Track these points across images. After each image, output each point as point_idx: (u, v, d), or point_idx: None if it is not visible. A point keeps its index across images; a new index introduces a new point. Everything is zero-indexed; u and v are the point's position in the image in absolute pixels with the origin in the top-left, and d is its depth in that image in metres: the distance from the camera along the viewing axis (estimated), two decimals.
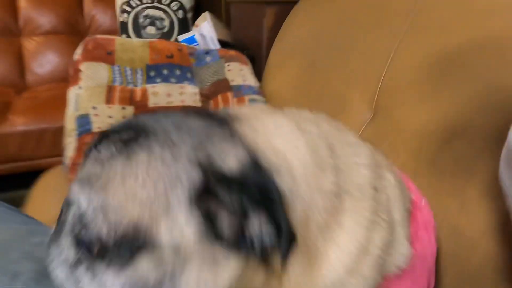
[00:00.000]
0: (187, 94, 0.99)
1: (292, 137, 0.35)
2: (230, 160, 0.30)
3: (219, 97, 0.98)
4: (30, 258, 0.32)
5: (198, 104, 0.99)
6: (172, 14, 2.07)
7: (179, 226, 0.29)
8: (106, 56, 0.99)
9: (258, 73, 1.13)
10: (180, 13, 2.09)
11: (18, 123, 1.57)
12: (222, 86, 1.01)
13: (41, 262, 0.31)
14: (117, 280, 0.29)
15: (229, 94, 0.98)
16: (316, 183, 0.34)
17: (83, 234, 0.29)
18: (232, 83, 1.01)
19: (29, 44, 2.07)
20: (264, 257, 0.30)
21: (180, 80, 1.01)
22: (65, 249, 0.30)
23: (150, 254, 0.29)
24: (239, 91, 0.99)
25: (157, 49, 1.03)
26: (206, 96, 1.01)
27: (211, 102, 1.00)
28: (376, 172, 0.40)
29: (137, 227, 0.28)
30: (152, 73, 1.00)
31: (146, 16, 2.03)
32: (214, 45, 1.31)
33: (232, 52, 1.13)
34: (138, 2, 2.07)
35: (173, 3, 2.10)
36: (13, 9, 2.07)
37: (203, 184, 0.30)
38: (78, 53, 1.00)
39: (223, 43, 1.41)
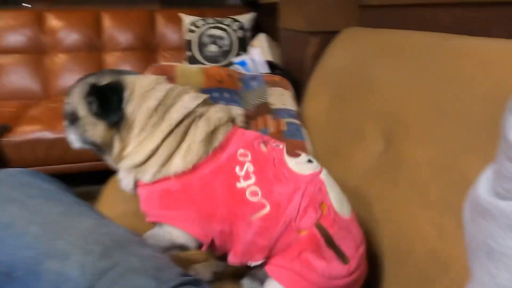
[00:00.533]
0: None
1: (146, 80, 0.66)
2: (105, 80, 0.66)
3: (259, 119, 1.12)
4: (99, 242, 0.48)
5: (240, 124, 1.13)
6: (232, 33, 2.26)
7: (82, 109, 0.66)
8: (168, 81, 1.17)
9: (301, 96, 1.26)
10: (240, 33, 2.27)
11: None
12: (263, 109, 1.15)
13: (105, 244, 0.47)
14: (73, 133, 0.68)
15: (268, 117, 1.11)
16: (145, 99, 0.63)
17: (66, 115, 0.69)
18: (272, 107, 1.15)
19: (110, 59, 2.39)
20: (108, 123, 0.64)
21: (228, 102, 1.17)
22: (65, 124, 0.70)
23: (79, 121, 0.66)
24: (277, 114, 1.12)
25: (210, 75, 1.20)
26: (249, 117, 1.15)
27: (252, 122, 1.14)
28: (189, 119, 0.64)
29: (74, 111, 0.67)
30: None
31: (208, 35, 2.24)
32: (263, 69, 1.45)
33: (276, 78, 1.26)
34: (203, 23, 2.30)
35: (234, 24, 2.29)
36: (99, 28, 2.40)
37: (89, 90, 0.65)
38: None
39: (273, 66, 1.56)
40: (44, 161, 1.81)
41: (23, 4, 2.51)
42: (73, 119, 0.67)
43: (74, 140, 0.70)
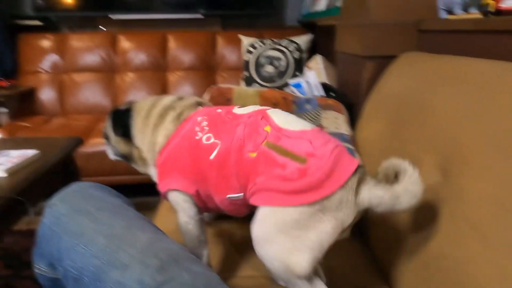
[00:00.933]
0: None
1: (148, 103, 0.84)
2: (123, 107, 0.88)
3: None
4: (157, 257, 0.52)
5: None
6: (289, 55, 2.30)
7: (109, 131, 0.90)
8: (226, 102, 1.23)
9: (355, 120, 1.25)
10: (297, 54, 2.31)
11: None
12: None
13: (162, 259, 0.51)
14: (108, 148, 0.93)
15: None
16: (145, 124, 0.82)
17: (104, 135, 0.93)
18: (326, 130, 1.15)
19: (172, 77, 2.54)
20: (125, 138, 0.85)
21: None
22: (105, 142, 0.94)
23: (110, 140, 0.90)
24: None
25: (265, 97, 1.23)
26: None
27: None
28: (164, 123, 0.80)
29: (106, 133, 0.92)
30: None
31: (265, 56, 2.31)
32: (318, 91, 1.46)
33: (330, 101, 1.27)
34: (261, 44, 2.37)
35: (291, 45, 2.33)
36: (164, 49, 2.57)
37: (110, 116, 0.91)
38: (206, 98, 1.26)
39: (328, 88, 1.56)
40: (110, 172, 1.95)
41: (100, 27, 2.76)
42: (107, 138, 0.92)
43: (110, 153, 0.94)
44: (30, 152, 1.18)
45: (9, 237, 1.54)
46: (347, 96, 1.38)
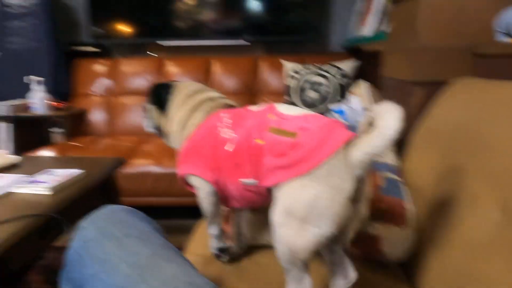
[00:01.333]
0: None
1: (195, 86, 0.94)
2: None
3: None
4: None
5: None
6: (332, 80, 2.26)
7: (147, 102, 0.99)
8: None
9: (402, 150, 1.17)
10: (340, 80, 2.26)
11: None
12: None
13: None
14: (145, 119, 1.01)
15: None
16: (185, 102, 0.89)
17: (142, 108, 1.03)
18: None
19: None
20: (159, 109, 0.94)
21: None
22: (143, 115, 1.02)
23: (147, 111, 0.99)
24: (375, 167, 1.05)
25: None
26: None
27: None
28: (199, 110, 0.88)
29: (144, 105, 1.01)
30: None
31: (309, 82, 2.28)
32: (362, 118, 1.39)
33: None
34: (304, 69, 2.35)
35: (335, 71, 2.29)
36: (208, 74, 2.62)
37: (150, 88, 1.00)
38: None
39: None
40: (151, 192, 1.98)
41: (148, 53, 2.89)
42: (145, 110, 1.00)
43: (146, 125, 1.00)
44: (75, 172, 1.21)
45: (51, 253, 1.58)
46: None
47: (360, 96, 1.83)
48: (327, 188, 0.62)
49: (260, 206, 0.80)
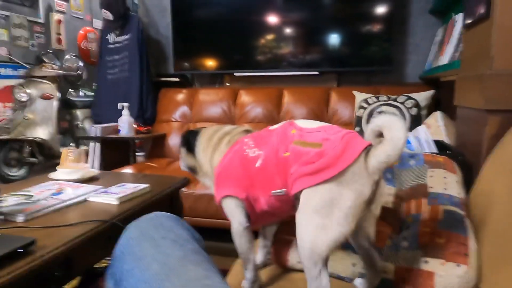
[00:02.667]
0: None
1: (213, 128, 1.04)
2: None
3: (413, 202, 1.00)
4: None
5: (389, 205, 1.03)
6: (406, 111, 2.16)
7: (182, 146, 1.10)
8: None
9: (471, 182, 1.07)
10: (414, 111, 2.15)
11: None
12: (419, 191, 1.02)
13: None
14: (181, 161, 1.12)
15: (423, 201, 0.98)
16: (207, 145, 1.01)
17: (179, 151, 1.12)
18: (431, 190, 1.01)
19: None
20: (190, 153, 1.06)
21: None
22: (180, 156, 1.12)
23: (182, 154, 1.11)
24: (435, 199, 0.97)
25: None
26: (400, 198, 1.04)
27: (404, 205, 1.02)
28: (220, 145, 0.98)
29: (180, 149, 1.12)
30: None
31: (379, 112, 2.21)
32: (429, 148, 1.31)
33: (440, 159, 1.12)
34: (375, 100, 2.29)
35: (408, 101, 2.19)
36: (279, 103, 2.69)
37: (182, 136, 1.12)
38: None
39: (443, 146, 1.39)
40: (214, 215, 2.04)
41: (226, 84, 3.07)
42: (180, 153, 1.11)
43: (181, 164, 1.11)
44: (141, 186, 1.32)
45: None
46: (463, 155, 1.20)
47: (434, 128, 1.72)
48: (350, 192, 0.71)
49: (285, 216, 0.87)
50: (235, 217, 0.91)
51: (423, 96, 2.21)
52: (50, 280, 0.90)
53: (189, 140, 1.06)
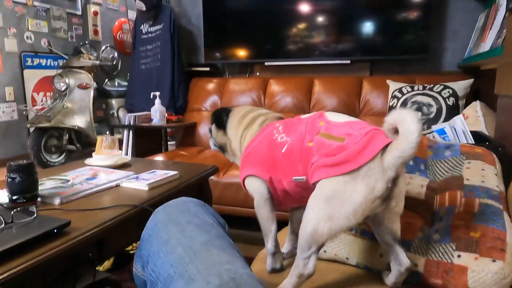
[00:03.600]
0: (413, 184, 1.02)
1: (247, 108, 1.09)
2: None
3: (447, 194, 0.96)
4: (219, 276, 0.50)
5: (422, 196, 0.99)
6: (442, 101, 2.07)
7: (212, 124, 1.13)
8: None
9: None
10: (451, 100, 2.06)
11: None
12: (454, 183, 0.98)
13: (223, 279, 0.49)
14: (211, 140, 1.15)
15: (458, 193, 0.94)
16: (240, 122, 1.05)
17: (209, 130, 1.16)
18: (467, 182, 0.96)
19: None
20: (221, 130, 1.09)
21: (411, 170, 1.06)
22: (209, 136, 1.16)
23: (212, 132, 1.14)
24: (471, 192, 0.93)
25: None
26: (433, 190, 1.00)
27: (437, 197, 0.98)
28: (253, 125, 1.02)
29: (210, 128, 1.15)
30: None
31: (414, 102, 2.13)
32: (466, 139, 1.25)
33: (478, 150, 1.06)
34: (409, 89, 2.21)
35: (445, 90, 2.10)
36: (309, 93, 2.65)
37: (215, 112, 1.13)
38: None
39: (481, 137, 1.33)
40: (243, 203, 2.06)
41: (257, 74, 3.06)
42: (210, 132, 1.13)
43: (212, 144, 1.14)
44: (171, 173, 1.35)
45: None
46: (504, 146, 1.14)
47: (473, 118, 1.64)
48: (363, 187, 0.71)
49: (306, 202, 0.86)
50: (257, 191, 0.93)
51: (461, 85, 2.11)
52: (84, 261, 0.94)
53: (221, 117, 1.08)
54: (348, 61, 2.72)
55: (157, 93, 2.68)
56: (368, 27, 2.63)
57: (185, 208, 0.69)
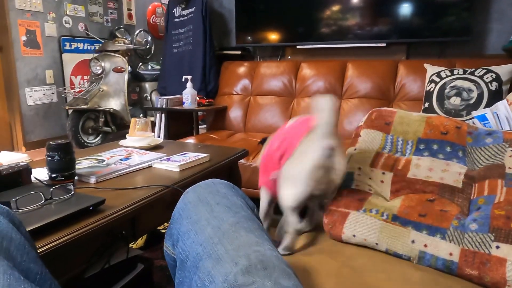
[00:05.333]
0: (450, 172, 0.98)
1: None
2: None
3: (486, 182, 0.91)
4: (247, 257, 0.50)
5: (459, 184, 0.95)
6: (484, 85, 1.97)
7: None
8: (384, 125, 1.13)
9: None
10: (493, 85, 1.95)
11: None
12: (495, 171, 0.93)
13: (251, 261, 0.49)
14: None
15: (499, 182, 0.89)
16: None
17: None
18: (509, 171, 0.91)
19: (346, 105, 2.52)
20: None
21: (448, 157, 1.01)
22: None
23: None
24: (509, 180, 0.88)
25: (433, 124, 1.07)
26: (471, 178, 0.95)
27: (475, 186, 0.93)
28: None
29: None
30: (421, 146, 1.06)
31: (453, 87, 2.03)
32: (510, 126, 1.18)
33: None
34: (449, 73, 2.11)
35: (488, 75, 1.99)
36: (342, 77, 2.59)
37: None
38: (362, 120, 1.19)
39: None
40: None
41: (288, 57, 3.01)
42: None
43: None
44: (201, 155, 1.36)
45: None
46: None
47: None
48: (304, 159, 0.94)
49: None
50: (262, 201, 1.17)
51: (506, 70, 1.98)
52: (118, 238, 0.98)
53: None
54: (384, 44, 2.62)
55: (189, 77, 2.71)
56: (405, 8, 2.52)
57: (214, 190, 0.69)
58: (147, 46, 4.61)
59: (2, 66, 3.56)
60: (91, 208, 0.87)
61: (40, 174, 1.09)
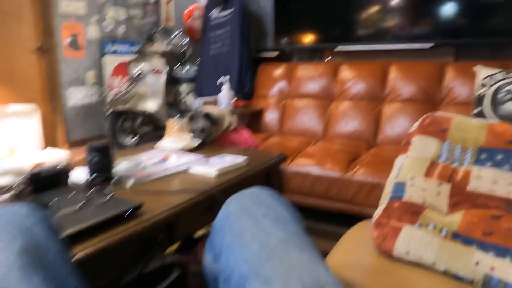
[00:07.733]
0: (499, 184, 0.87)
1: None
2: None
3: None
4: (300, 280, 0.45)
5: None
6: None
7: None
8: (439, 132, 1.04)
9: None
10: None
11: (359, 173, 1.87)
12: None
13: (305, 284, 0.43)
14: None
15: None
16: None
17: None
18: None
19: (388, 109, 2.41)
20: None
21: (498, 164, 0.91)
22: None
23: None
24: None
25: (496, 132, 0.97)
26: None
27: None
28: None
29: None
30: (483, 156, 0.96)
31: (508, 91, 1.88)
32: None
33: None
34: (504, 76, 1.95)
35: None
36: (384, 80, 2.47)
37: None
38: (414, 126, 1.10)
39: None
40: (309, 192, 1.99)
41: (325, 58, 2.93)
42: None
43: None
44: (240, 159, 1.32)
45: None
46: None
47: None
48: None
49: None
50: None
51: None
52: (155, 243, 0.95)
53: None
54: (428, 46, 2.48)
55: (227, 77, 2.68)
56: (451, 7, 2.37)
57: (259, 200, 0.64)
58: (184, 48, 4.65)
59: (46, 68, 3.70)
60: (129, 212, 0.85)
61: (80, 174, 1.08)
